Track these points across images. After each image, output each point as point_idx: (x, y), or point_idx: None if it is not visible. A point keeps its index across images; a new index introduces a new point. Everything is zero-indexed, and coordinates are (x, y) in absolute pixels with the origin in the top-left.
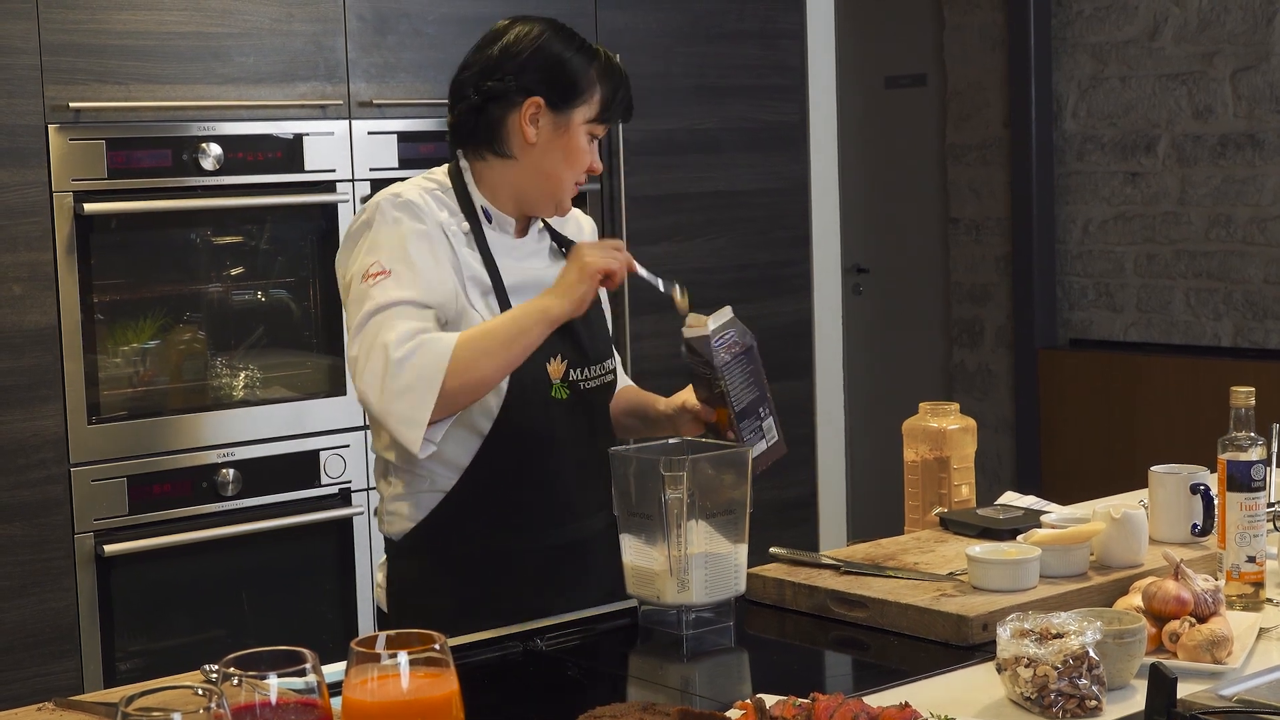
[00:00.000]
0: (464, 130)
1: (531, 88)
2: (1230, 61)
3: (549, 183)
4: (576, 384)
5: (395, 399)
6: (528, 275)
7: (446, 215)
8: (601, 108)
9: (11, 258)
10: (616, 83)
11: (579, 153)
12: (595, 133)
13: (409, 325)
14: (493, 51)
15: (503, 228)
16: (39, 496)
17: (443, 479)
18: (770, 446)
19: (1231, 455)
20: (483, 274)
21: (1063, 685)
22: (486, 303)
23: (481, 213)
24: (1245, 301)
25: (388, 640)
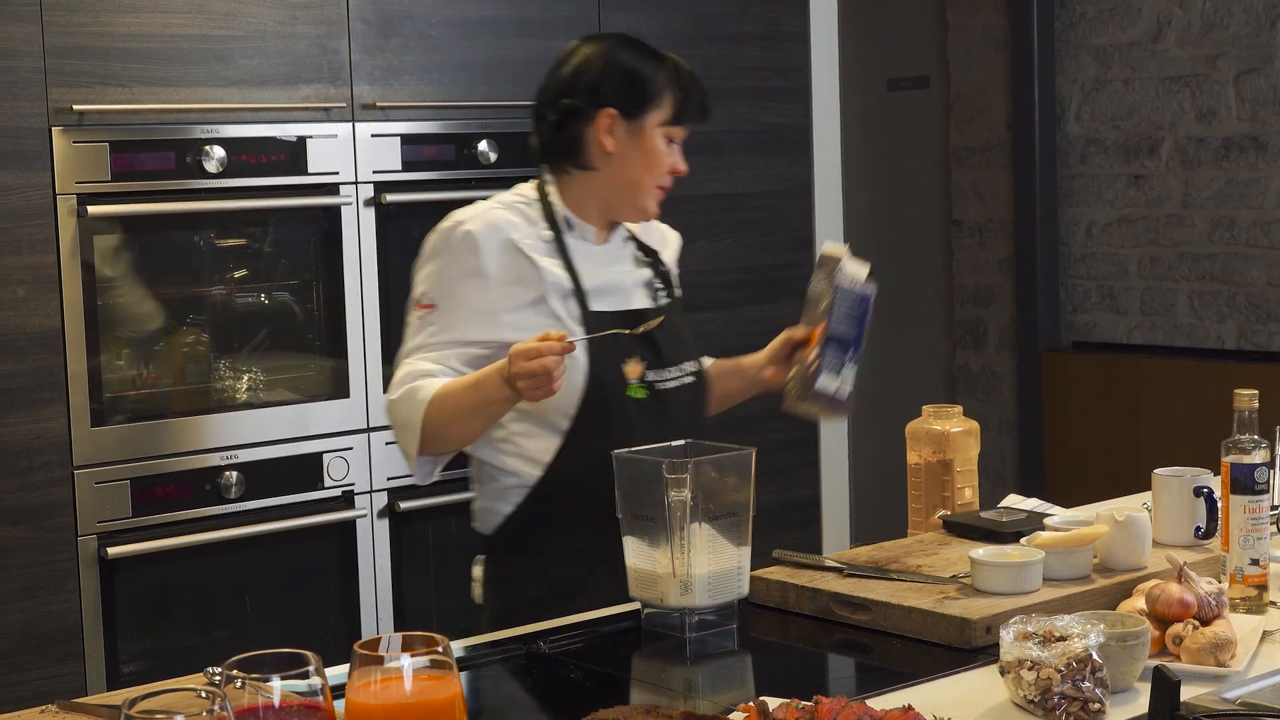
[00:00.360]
0: (547, 148)
1: (604, 100)
2: (1234, 64)
3: (631, 188)
4: (653, 384)
5: (396, 433)
6: (608, 279)
7: (524, 231)
8: (674, 110)
9: (15, 260)
10: (687, 85)
11: (657, 156)
12: (672, 135)
13: (416, 368)
14: (565, 71)
15: (584, 236)
16: (42, 499)
17: (527, 475)
18: (837, 391)
19: (1235, 458)
20: (564, 279)
21: (1066, 688)
22: (566, 306)
23: (564, 222)
24: (1249, 304)
25: (390, 643)
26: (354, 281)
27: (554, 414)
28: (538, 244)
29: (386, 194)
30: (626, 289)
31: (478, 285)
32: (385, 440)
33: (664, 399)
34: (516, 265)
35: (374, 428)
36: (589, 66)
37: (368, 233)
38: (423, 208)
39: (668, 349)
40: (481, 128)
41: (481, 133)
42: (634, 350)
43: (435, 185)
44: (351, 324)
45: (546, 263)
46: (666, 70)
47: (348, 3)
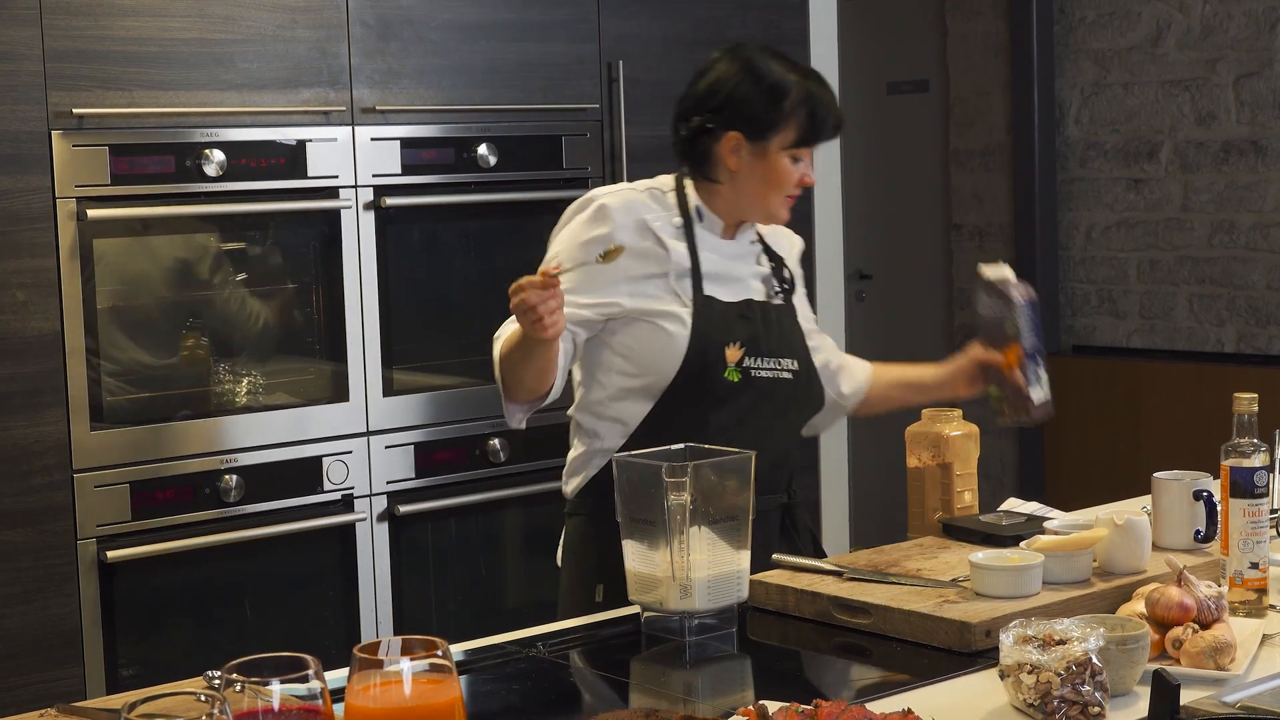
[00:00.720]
0: (682, 157)
1: (730, 123)
2: (1233, 68)
3: (757, 201)
4: (749, 370)
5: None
6: (724, 267)
7: (657, 213)
8: (800, 134)
9: (15, 264)
10: (812, 109)
11: (780, 175)
12: (798, 155)
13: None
14: (700, 86)
15: (712, 228)
16: (42, 503)
17: (611, 439)
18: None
19: (1234, 461)
20: (686, 261)
21: (1065, 692)
22: (682, 285)
23: (694, 211)
24: (1248, 307)
25: (390, 647)
26: (354, 285)
27: (653, 377)
28: (667, 227)
29: (386, 197)
30: (744, 280)
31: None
32: (385, 444)
33: (756, 386)
34: (644, 242)
35: (373, 431)
36: (720, 86)
37: (367, 236)
38: (422, 211)
39: (769, 341)
40: (481, 131)
41: (481, 136)
42: (737, 335)
43: (435, 189)
44: (351, 327)
45: (673, 244)
46: (796, 93)
47: (347, 6)
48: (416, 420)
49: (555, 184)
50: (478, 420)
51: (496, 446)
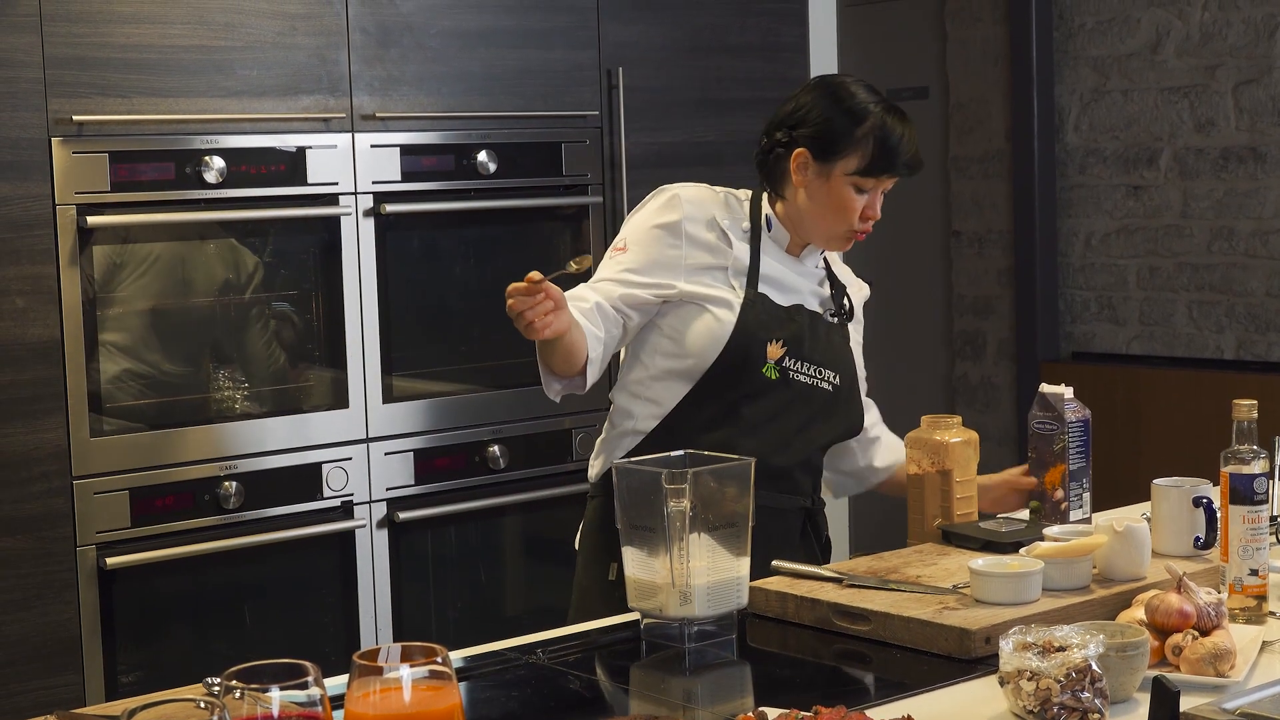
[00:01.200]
0: (759, 170)
1: (801, 140)
2: (1232, 75)
3: (818, 223)
4: (787, 371)
5: None
6: (780, 273)
7: (728, 214)
8: (864, 163)
9: (14, 270)
10: (884, 142)
11: (841, 201)
12: (861, 185)
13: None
14: (787, 105)
15: (779, 240)
16: (41, 509)
17: (644, 420)
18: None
19: (1234, 468)
20: (746, 261)
21: (1065, 699)
22: (738, 280)
23: (765, 220)
24: (1248, 314)
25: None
26: (353, 292)
27: (694, 360)
28: (735, 228)
29: (386, 204)
30: (800, 292)
31: (670, 239)
32: (384, 451)
33: (793, 388)
34: (711, 236)
35: (373, 438)
36: (803, 104)
37: (367, 243)
38: (422, 218)
39: (813, 348)
40: (481, 138)
41: (481, 143)
42: (781, 334)
43: (434, 195)
44: (351, 334)
45: (738, 244)
46: (867, 125)
47: (347, 13)
48: (416, 427)
49: (555, 191)
50: (477, 427)
51: (496, 453)
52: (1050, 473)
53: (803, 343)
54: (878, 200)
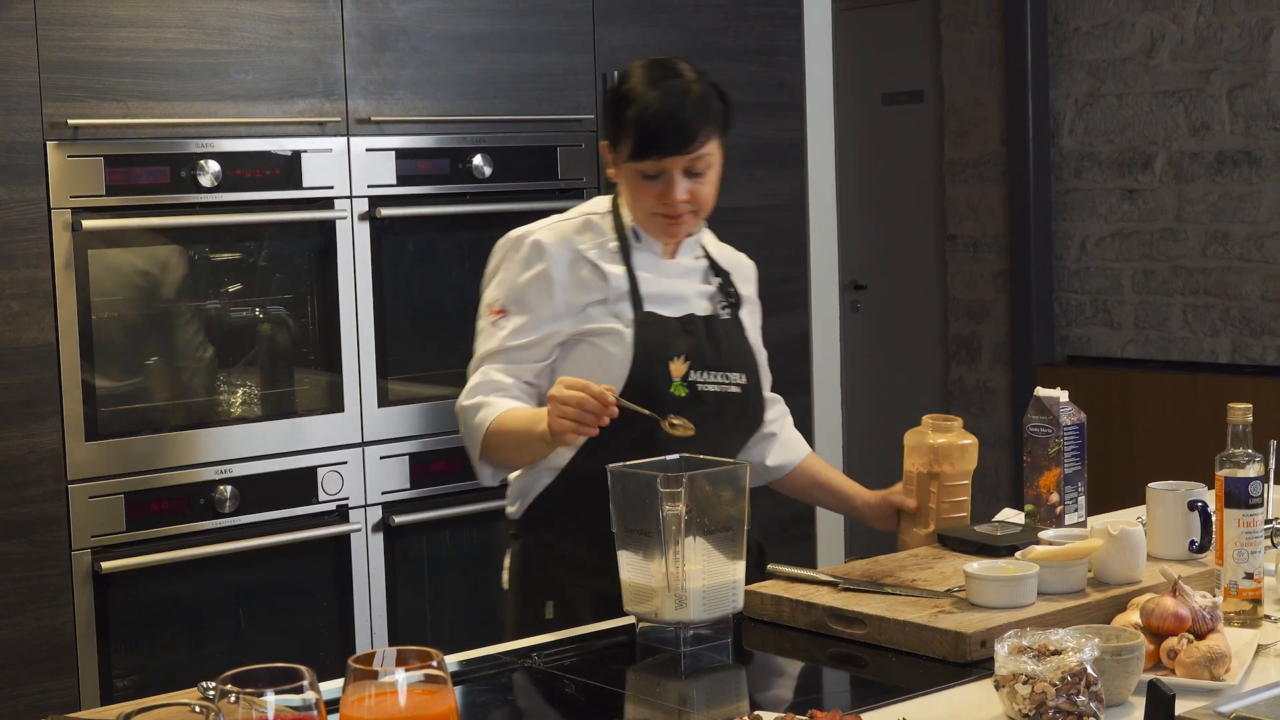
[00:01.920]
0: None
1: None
2: (1227, 79)
3: (632, 212)
4: (695, 384)
5: (464, 437)
6: (665, 286)
7: (590, 240)
8: (631, 150)
9: (9, 274)
10: (643, 124)
11: (633, 188)
12: (645, 170)
13: (490, 378)
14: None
15: (650, 247)
16: (36, 513)
17: (559, 457)
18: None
19: (1229, 472)
20: (625, 283)
21: (1061, 702)
22: (620, 307)
23: (631, 233)
24: (1242, 318)
25: (385, 658)
26: (349, 295)
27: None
28: (603, 253)
29: (381, 208)
30: (686, 298)
31: (545, 290)
32: (379, 455)
33: (704, 400)
34: (582, 272)
35: (368, 442)
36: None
37: (362, 247)
38: (417, 222)
39: (714, 355)
40: (476, 142)
41: (476, 147)
42: (680, 349)
43: (430, 199)
44: (346, 338)
45: (610, 269)
46: (636, 106)
47: (343, 17)
48: (411, 431)
49: (550, 194)
50: None
51: None
52: (1045, 476)
53: (703, 352)
54: (675, 183)
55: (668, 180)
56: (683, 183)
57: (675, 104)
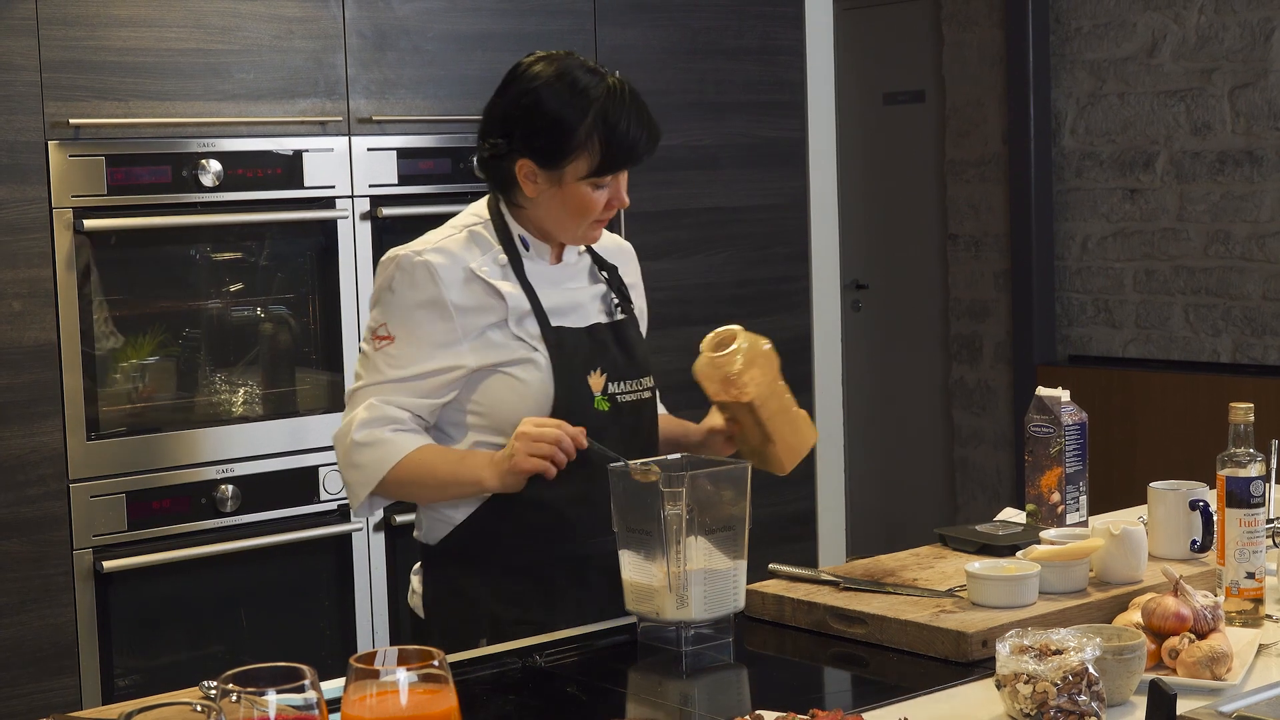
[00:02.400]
0: (485, 177)
1: (521, 150)
2: (1228, 78)
3: (561, 227)
4: (614, 396)
5: (347, 467)
6: (566, 298)
7: (479, 256)
8: (594, 165)
9: (11, 274)
10: (611, 136)
11: (581, 203)
12: (599, 183)
13: (383, 411)
14: (498, 106)
15: (540, 255)
16: (38, 513)
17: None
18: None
19: (1230, 471)
20: (523, 301)
21: (1062, 702)
22: (524, 327)
23: (519, 242)
24: (1244, 317)
25: (386, 657)
26: (350, 295)
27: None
28: (494, 269)
29: (382, 207)
30: (584, 304)
31: (438, 315)
32: None
33: (625, 411)
34: (477, 293)
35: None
36: (516, 108)
37: (364, 246)
38: (419, 221)
39: (626, 363)
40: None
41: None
42: (596, 362)
43: (431, 199)
44: (347, 337)
45: (505, 286)
46: (591, 119)
47: (344, 17)
48: None
49: None
50: None
51: None
52: (1047, 476)
53: (617, 362)
54: (622, 186)
55: (616, 186)
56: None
57: (638, 106)
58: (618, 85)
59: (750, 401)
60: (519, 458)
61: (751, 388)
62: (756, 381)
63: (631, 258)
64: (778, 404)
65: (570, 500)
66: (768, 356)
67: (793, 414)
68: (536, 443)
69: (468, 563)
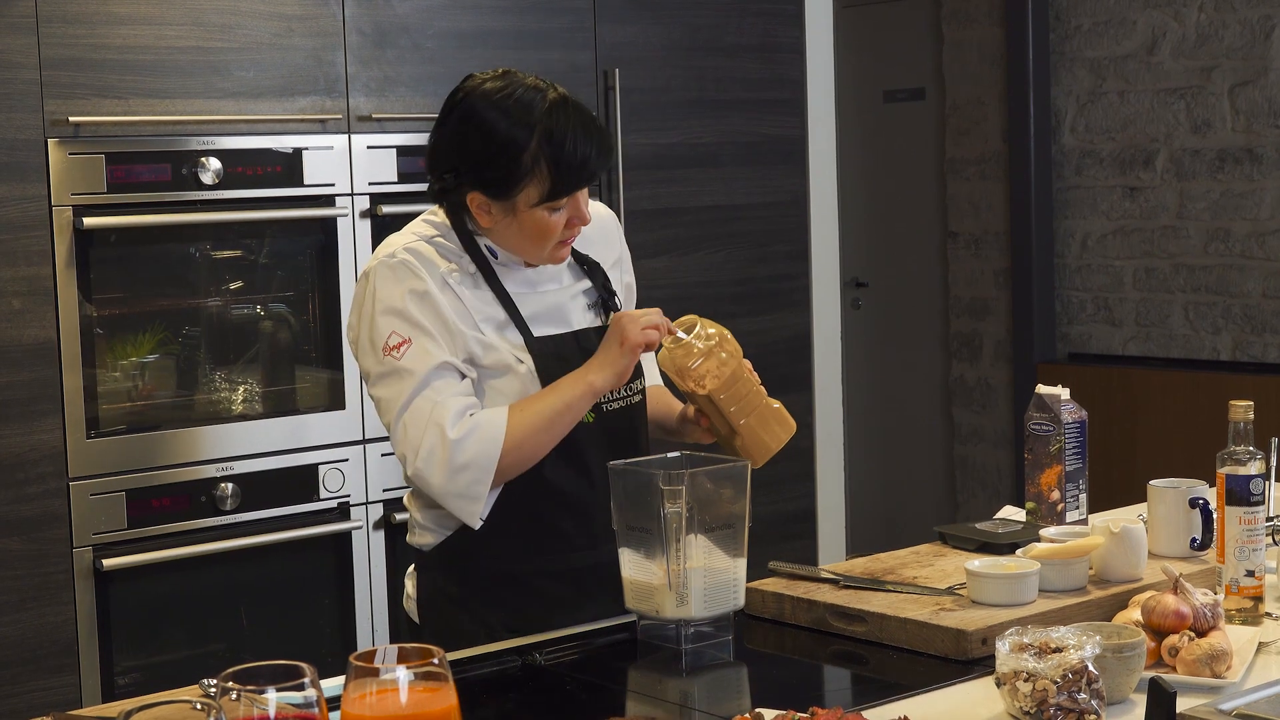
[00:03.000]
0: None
1: (470, 183)
2: (1228, 76)
3: (524, 252)
4: (600, 406)
5: (455, 477)
6: (547, 302)
7: (447, 263)
8: (545, 190)
9: (11, 272)
10: (559, 157)
11: (539, 229)
12: (554, 206)
13: (459, 402)
14: (437, 142)
15: (512, 260)
16: (38, 511)
17: None
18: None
19: (1230, 469)
20: (498, 311)
21: (1062, 700)
22: (506, 338)
23: (487, 251)
24: (1244, 315)
25: (386, 655)
26: (349, 293)
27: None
28: (464, 277)
29: (382, 205)
30: (566, 309)
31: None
32: (381, 452)
33: (611, 421)
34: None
35: (369, 439)
36: (458, 138)
37: (364, 244)
38: None
39: None
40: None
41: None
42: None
43: None
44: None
45: (475, 296)
46: (536, 143)
47: (344, 15)
48: None
49: None
50: None
51: None
52: (1047, 474)
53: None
54: (582, 203)
55: (574, 205)
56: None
57: (582, 121)
58: (559, 99)
59: (709, 394)
60: (632, 332)
61: (709, 380)
62: (714, 374)
63: (614, 229)
64: (742, 396)
65: (563, 510)
66: (728, 347)
67: (761, 406)
68: (645, 317)
69: (460, 570)
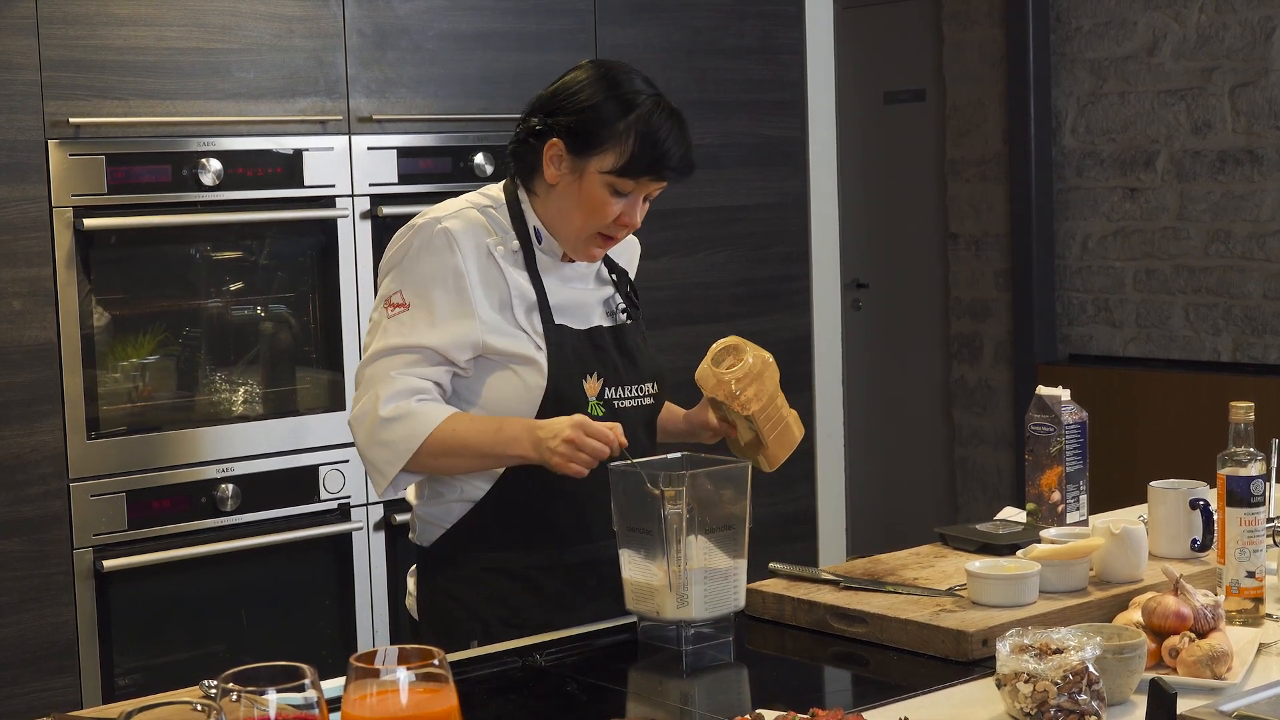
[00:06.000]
0: (513, 160)
1: (556, 129)
2: (1229, 77)
3: (567, 225)
4: (611, 402)
5: (373, 447)
6: (571, 296)
7: (494, 237)
8: (621, 161)
9: (11, 273)
10: (648, 139)
11: (594, 201)
12: (619, 186)
13: (407, 383)
14: (548, 91)
15: (552, 250)
16: (38, 512)
17: (473, 489)
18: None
19: (1231, 470)
20: (530, 292)
21: (1062, 701)
22: (530, 320)
23: (533, 233)
24: (1244, 317)
25: (386, 656)
26: (350, 294)
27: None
28: (506, 253)
29: (383, 207)
30: (588, 307)
31: (454, 284)
32: None
33: (621, 418)
34: (489, 269)
35: None
36: (566, 91)
37: (364, 245)
38: None
39: (627, 369)
40: (478, 140)
41: (477, 145)
42: (592, 366)
43: (432, 198)
44: (348, 337)
45: (514, 273)
46: (631, 119)
47: (344, 16)
48: None
49: None
50: None
51: None
52: (1047, 475)
53: (616, 367)
54: (638, 207)
55: (633, 202)
56: (642, 207)
57: (682, 130)
58: (668, 104)
59: (750, 415)
60: (562, 462)
61: (754, 404)
62: (758, 396)
63: (636, 254)
64: (774, 413)
65: (563, 506)
66: (770, 370)
67: (784, 418)
68: (579, 453)
69: (459, 566)
